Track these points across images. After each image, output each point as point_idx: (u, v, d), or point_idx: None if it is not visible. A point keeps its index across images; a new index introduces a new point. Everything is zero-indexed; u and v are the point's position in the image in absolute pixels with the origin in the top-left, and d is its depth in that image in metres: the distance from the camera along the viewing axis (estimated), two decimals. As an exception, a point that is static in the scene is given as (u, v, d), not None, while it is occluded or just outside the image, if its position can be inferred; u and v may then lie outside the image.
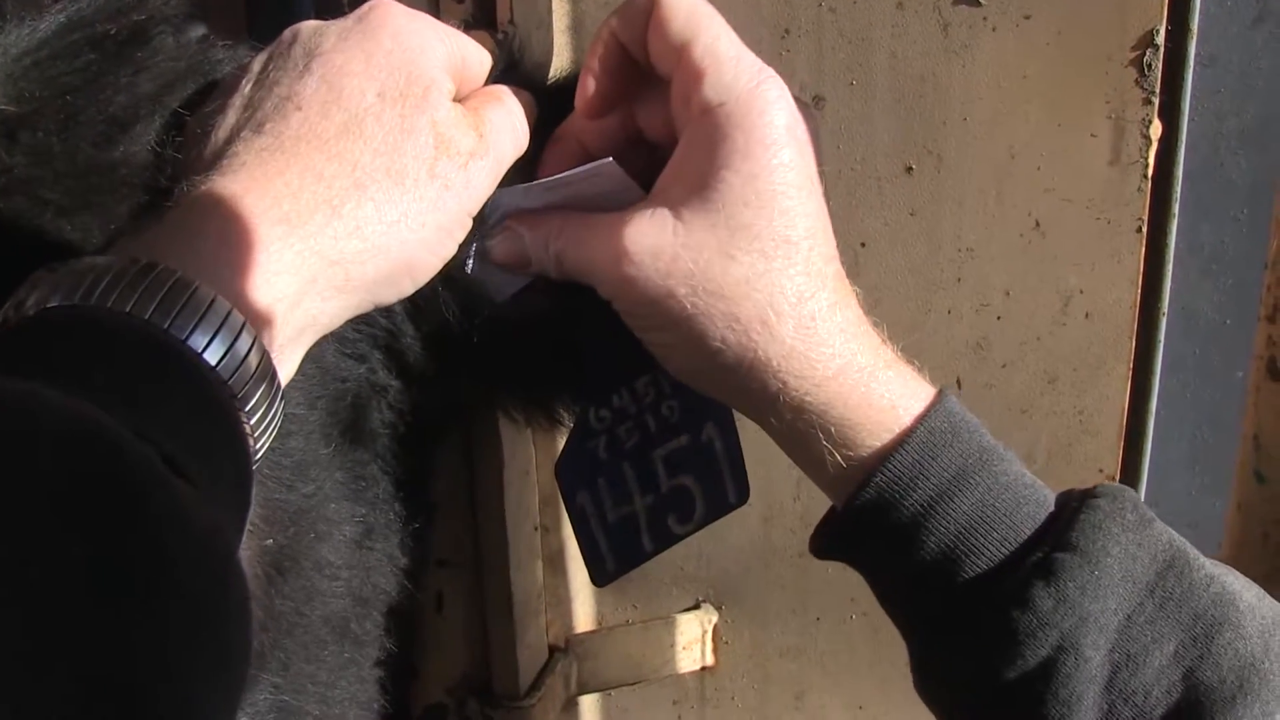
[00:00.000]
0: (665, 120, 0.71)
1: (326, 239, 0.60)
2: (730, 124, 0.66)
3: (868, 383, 0.68)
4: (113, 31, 0.67)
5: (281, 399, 0.58)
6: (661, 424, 0.75)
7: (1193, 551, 0.67)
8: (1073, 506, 0.67)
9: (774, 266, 0.66)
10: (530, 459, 1.03)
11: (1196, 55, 1.07)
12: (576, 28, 1.00)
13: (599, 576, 0.76)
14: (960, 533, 0.67)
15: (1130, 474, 1.16)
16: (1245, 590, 0.67)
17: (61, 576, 0.40)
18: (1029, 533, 0.67)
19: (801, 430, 0.68)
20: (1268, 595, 0.68)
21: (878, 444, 0.68)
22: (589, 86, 0.71)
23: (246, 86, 0.66)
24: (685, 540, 0.80)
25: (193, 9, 0.74)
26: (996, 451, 0.69)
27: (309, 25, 0.68)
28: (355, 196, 0.61)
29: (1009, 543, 0.67)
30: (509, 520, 1.02)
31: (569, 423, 0.79)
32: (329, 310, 0.62)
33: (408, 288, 0.66)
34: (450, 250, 0.67)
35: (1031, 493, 0.69)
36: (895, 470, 0.67)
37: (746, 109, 0.66)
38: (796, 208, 0.67)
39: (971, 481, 0.67)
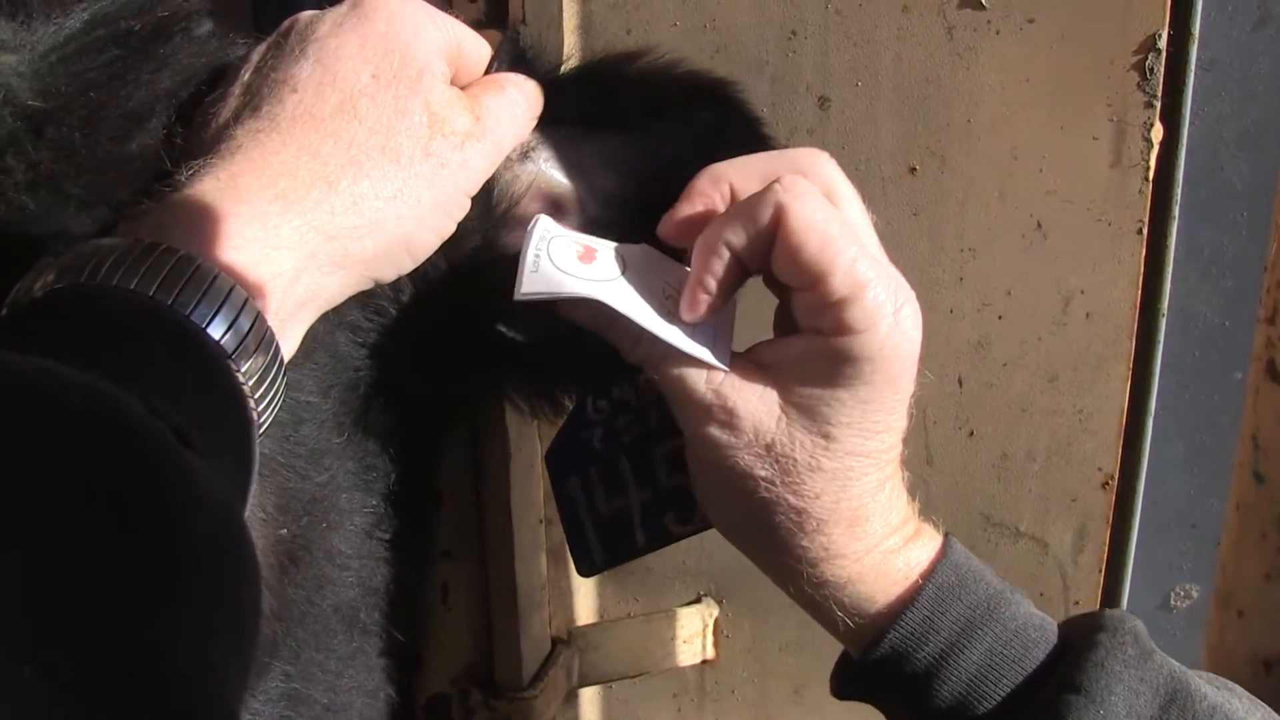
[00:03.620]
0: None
1: (324, 214, 0.61)
2: (863, 353, 0.66)
3: (890, 561, 0.71)
4: (136, 28, 0.69)
5: (284, 373, 0.60)
6: (665, 421, 0.74)
7: (1194, 682, 0.69)
8: (1076, 645, 0.70)
9: (851, 478, 0.69)
10: (536, 452, 1.04)
11: (1197, 59, 1.08)
12: (586, 27, 1.01)
13: (584, 566, 0.76)
14: (971, 681, 0.69)
15: (1128, 473, 1.17)
16: (1250, 715, 0.69)
17: (78, 545, 0.41)
18: (1037, 674, 0.70)
19: (817, 600, 0.72)
20: (1275, 715, 0.70)
21: (889, 604, 0.71)
22: (700, 301, 0.69)
23: (246, 74, 0.67)
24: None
25: (203, 4, 0.75)
26: (1003, 596, 0.71)
27: (306, 14, 0.70)
28: (351, 173, 0.63)
29: (1019, 687, 0.69)
30: (514, 513, 1.03)
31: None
32: (329, 286, 0.63)
33: (407, 264, 0.67)
34: (448, 228, 0.68)
35: (1039, 634, 0.71)
36: (907, 628, 0.70)
37: (882, 344, 0.67)
38: (894, 425, 0.70)
39: (980, 632, 0.69)
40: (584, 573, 0.76)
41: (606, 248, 0.72)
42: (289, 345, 0.63)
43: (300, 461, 0.73)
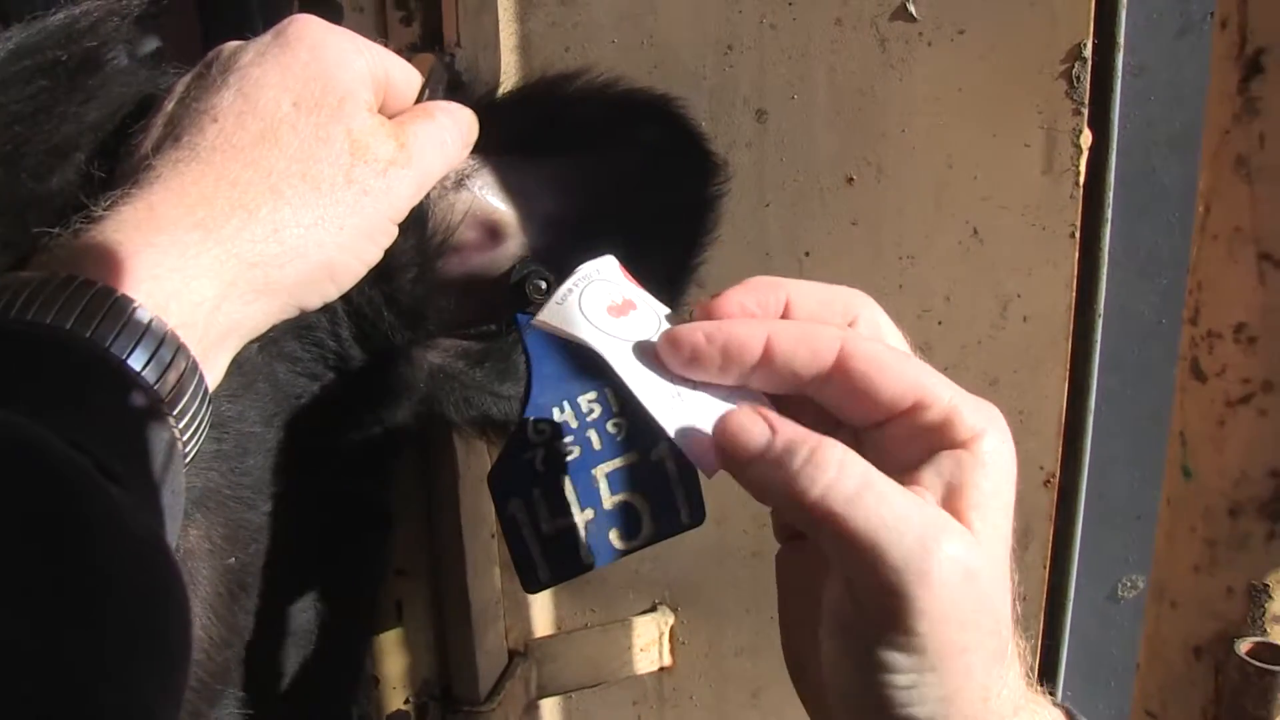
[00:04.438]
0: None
1: (244, 242, 0.61)
2: (993, 440, 0.60)
3: None
4: (64, 58, 0.68)
5: (209, 402, 0.60)
6: (607, 441, 0.74)
7: None
8: None
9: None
10: (485, 468, 1.05)
11: (1127, 66, 1.11)
12: (524, 46, 1.03)
13: (530, 584, 0.75)
14: None
15: (1070, 471, 1.20)
16: None
17: None
18: None
19: None
20: None
21: None
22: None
23: (169, 104, 0.67)
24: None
25: (148, 24, 0.75)
26: None
27: (230, 45, 0.70)
28: (271, 201, 0.62)
29: None
30: (465, 528, 1.04)
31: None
32: (252, 314, 0.63)
33: (331, 291, 0.66)
34: (373, 255, 0.67)
35: None
36: None
37: (994, 441, 0.60)
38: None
39: None
40: (529, 590, 0.76)
41: (649, 309, 0.71)
42: (213, 375, 0.62)
43: (247, 492, 0.72)
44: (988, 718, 0.58)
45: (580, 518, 0.75)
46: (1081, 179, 1.05)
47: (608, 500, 0.76)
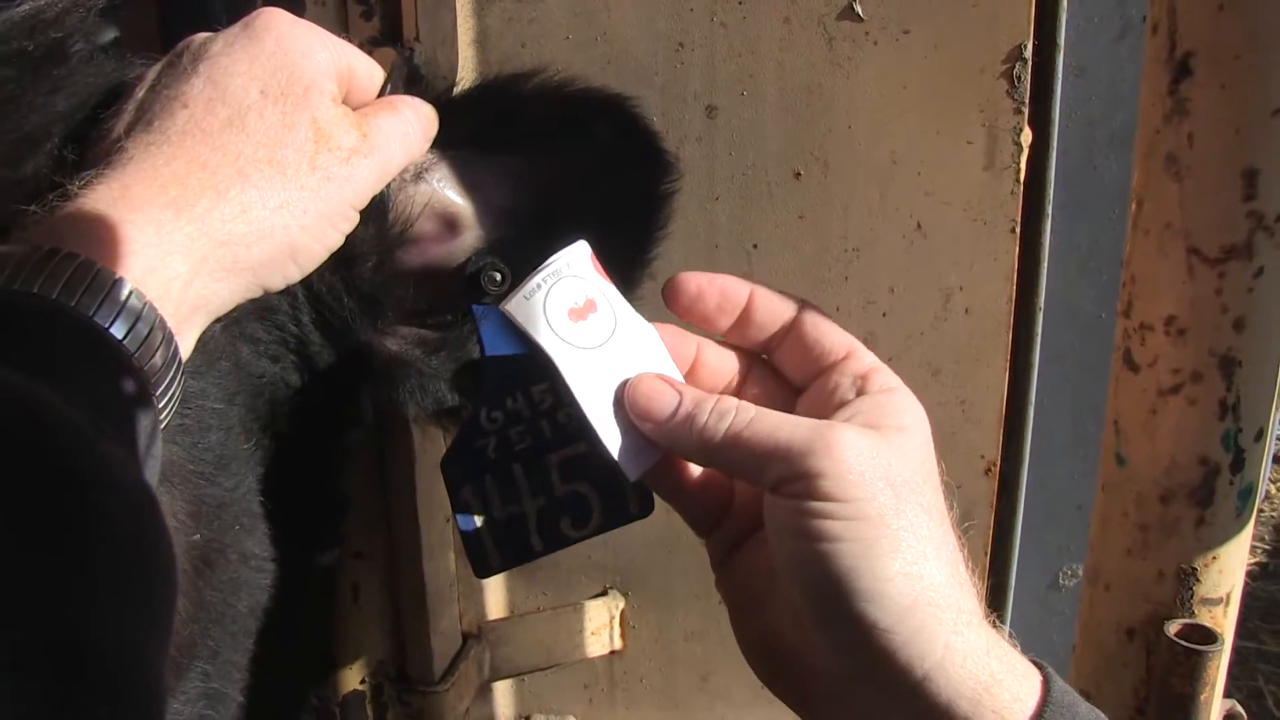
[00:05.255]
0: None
1: (214, 221, 0.63)
2: (903, 397, 0.71)
3: (985, 668, 0.65)
4: (30, 48, 0.69)
5: (182, 373, 0.62)
6: (558, 430, 0.77)
7: None
8: None
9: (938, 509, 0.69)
10: (440, 453, 1.06)
11: (1068, 66, 1.14)
12: (481, 41, 1.04)
13: (481, 569, 0.76)
14: None
15: (1012, 460, 1.23)
16: None
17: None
18: None
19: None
20: None
21: None
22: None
23: (140, 91, 0.69)
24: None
25: (108, 15, 0.76)
26: None
27: (200, 36, 0.72)
28: (239, 183, 0.65)
29: None
30: (421, 513, 1.06)
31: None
32: (220, 291, 0.65)
33: (293, 273, 0.69)
34: (334, 240, 0.70)
35: None
36: None
37: (905, 395, 0.72)
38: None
39: None
40: (480, 575, 0.77)
41: (610, 311, 0.75)
42: (185, 347, 0.64)
43: (208, 468, 0.74)
44: (934, 600, 0.64)
45: (531, 505, 0.77)
46: (1022, 176, 1.08)
47: (559, 488, 0.78)
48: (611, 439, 0.72)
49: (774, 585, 0.70)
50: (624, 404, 0.72)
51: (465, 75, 1.02)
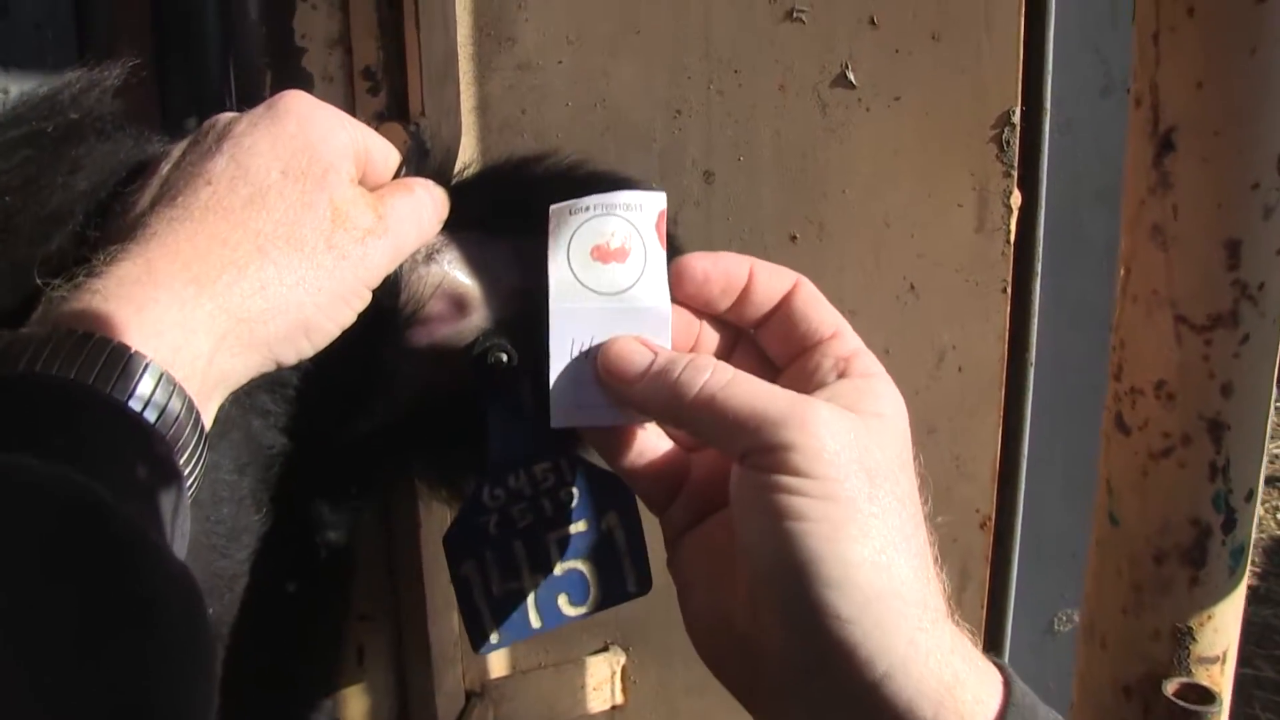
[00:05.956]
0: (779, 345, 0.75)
1: (235, 297, 0.64)
2: (884, 383, 0.70)
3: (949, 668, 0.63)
4: (49, 129, 0.71)
5: (207, 449, 0.63)
6: (559, 509, 0.78)
7: None
8: None
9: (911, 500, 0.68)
10: (445, 517, 1.07)
11: (1054, 122, 1.16)
12: (483, 108, 1.06)
13: (479, 644, 0.77)
14: None
15: (1006, 512, 1.24)
16: None
17: (67, 627, 0.47)
18: None
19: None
20: None
21: None
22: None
23: (165, 168, 0.71)
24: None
25: (115, 106, 0.78)
26: None
27: (225, 115, 0.73)
28: (259, 260, 0.66)
29: None
30: (426, 575, 1.07)
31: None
32: (237, 366, 0.66)
33: (306, 349, 0.70)
34: (347, 317, 0.71)
35: None
36: None
37: (886, 383, 0.71)
38: None
39: None
40: (478, 650, 0.78)
41: (637, 271, 0.73)
42: (206, 423, 0.65)
43: (221, 540, 0.75)
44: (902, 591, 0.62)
45: (530, 582, 0.78)
46: (1012, 237, 1.10)
47: (558, 566, 0.78)
48: (561, 383, 0.71)
49: (729, 567, 0.68)
50: (594, 358, 0.71)
51: (468, 142, 1.03)
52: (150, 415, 0.58)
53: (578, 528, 0.78)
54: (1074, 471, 1.41)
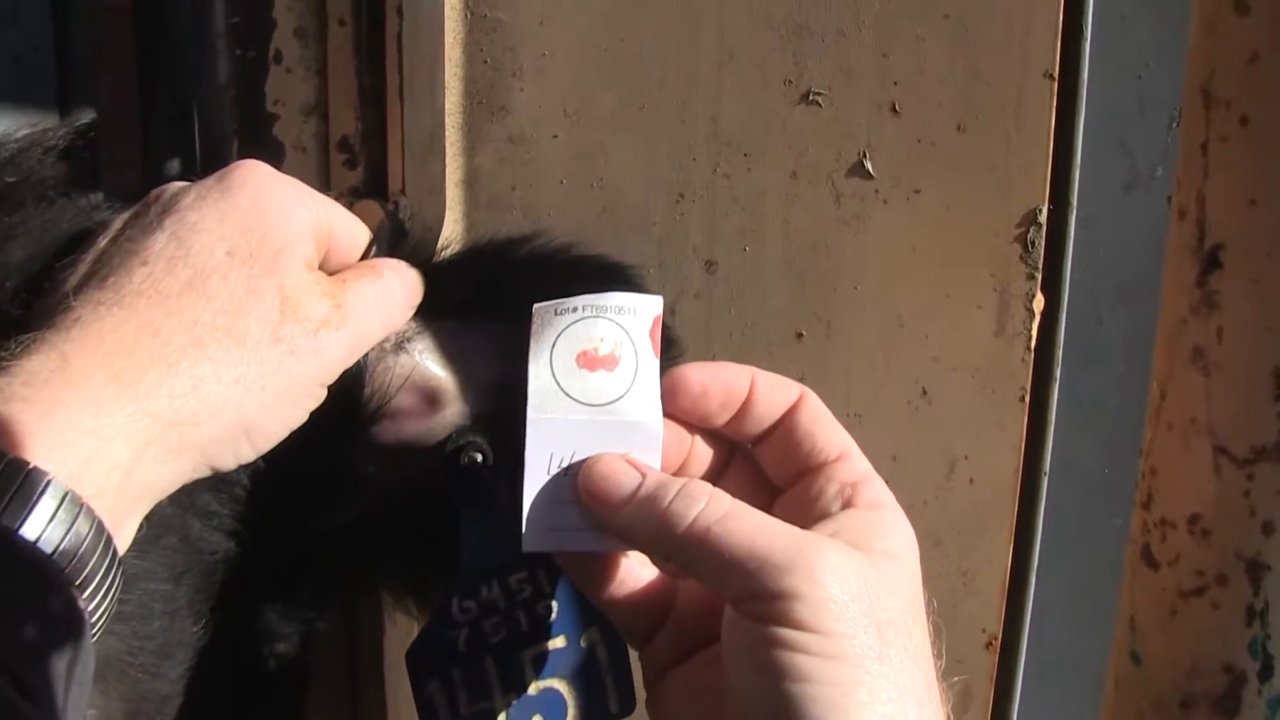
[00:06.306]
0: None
1: (161, 398, 0.58)
2: (895, 516, 0.65)
3: None
4: None
5: (120, 571, 0.56)
6: (535, 623, 0.73)
7: None
8: None
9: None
10: (413, 624, 1.01)
11: (1075, 219, 1.11)
12: (471, 181, 1.01)
13: None
14: None
15: (1012, 631, 1.18)
16: None
17: None
18: None
19: None
20: None
21: None
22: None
23: (102, 241, 0.64)
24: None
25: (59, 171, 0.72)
26: None
27: (173, 185, 0.67)
28: (193, 354, 0.59)
29: None
30: (388, 685, 1.00)
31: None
32: (164, 475, 0.59)
33: (247, 453, 0.63)
34: (296, 417, 0.64)
35: None
36: None
37: (897, 515, 0.65)
38: None
39: None
40: None
41: (627, 382, 0.67)
42: (123, 542, 0.59)
43: (150, 658, 0.68)
44: None
45: (502, 703, 0.73)
46: (1033, 343, 1.05)
47: (533, 686, 0.74)
48: (537, 502, 0.65)
49: (719, 712, 0.63)
50: (574, 476, 0.65)
51: (452, 218, 0.98)
52: (48, 543, 0.51)
53: (556, 644, 0.74)
54: (1081, 578, 1.35)
